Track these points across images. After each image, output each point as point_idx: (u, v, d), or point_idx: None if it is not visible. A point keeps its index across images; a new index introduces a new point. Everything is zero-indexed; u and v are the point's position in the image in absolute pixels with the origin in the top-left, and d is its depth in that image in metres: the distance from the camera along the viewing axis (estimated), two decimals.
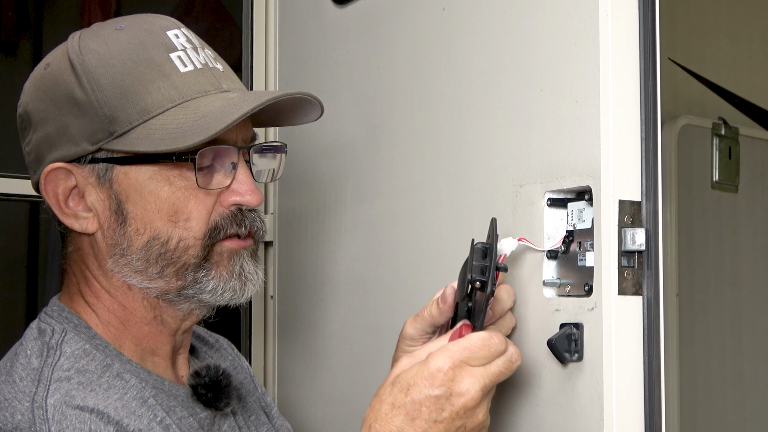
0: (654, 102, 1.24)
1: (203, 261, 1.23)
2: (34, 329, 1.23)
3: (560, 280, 1.31)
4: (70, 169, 1.21)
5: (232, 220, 1.24)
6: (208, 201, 1.23)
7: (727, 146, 2.75)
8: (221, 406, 1.28)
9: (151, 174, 1.20)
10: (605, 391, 1.20)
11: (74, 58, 1.20)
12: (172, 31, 1.25)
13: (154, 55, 1.21)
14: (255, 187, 1.26)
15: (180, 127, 1.17)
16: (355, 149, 1.77)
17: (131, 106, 1.18)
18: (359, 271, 1.76)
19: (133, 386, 1.19)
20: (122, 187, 1.21)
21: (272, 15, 2.10)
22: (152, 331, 1.27)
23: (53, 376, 1.14)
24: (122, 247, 1.21)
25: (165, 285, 1.23)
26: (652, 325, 1.22)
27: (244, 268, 1.26)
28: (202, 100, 1.20)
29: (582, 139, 1.26)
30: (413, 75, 1.62)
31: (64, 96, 1.20)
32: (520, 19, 1.38)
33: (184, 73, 1.21)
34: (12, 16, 2.23)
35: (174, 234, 1.21)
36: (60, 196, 1.22)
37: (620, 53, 1.24)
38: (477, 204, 1.44)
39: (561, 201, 1.32)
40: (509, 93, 1.39)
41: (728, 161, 2.76)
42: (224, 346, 1.53)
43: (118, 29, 1.23)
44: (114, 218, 1.21)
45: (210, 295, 1.24)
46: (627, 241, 1.21)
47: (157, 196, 1.20)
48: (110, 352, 1.22)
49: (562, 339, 1.25)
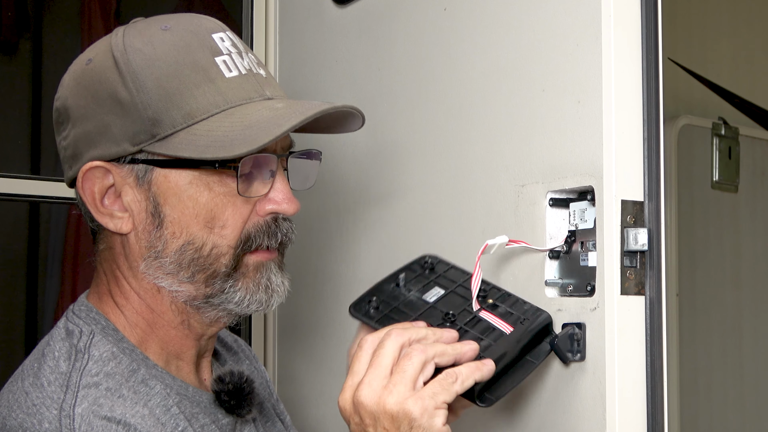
0: (656, 102, 1.24)
1: (232, 271, 1.22)
2: (62, 329, 1.22)
3: (562, 280, 1.32)
4: (108, 168, 1.19)
5: (266, 231, 1.23)
6: (245, 209, 1.22)
7: (727, 146, 2.75)
8: (243, 413, 1.27)
9: (191, 179, 1.19)
10: (608, 390, 1.21)
11: (119, 56, 1.18)
12: (218, 34, 1.23)
13: (200, 58, 1.20)
14: (292, 195, 1.25)
15: (226, 135, 1.16)
16: (356, 150, 1.77)
17: (176, 109, 1.17)
18: (360, 271, 1.76)
19: (158, 393, 1.18)
20: (161, 190, 1.19)
21: (272, 15, 2.10)
22: (179, 335, 1.26)
23: (81, 382, 1.13)
24: (157, 249, 1.20)
25: (194, 290, 1.22)
26: (654, 324, 1.23)
27: (271, 280, 1.25)
28: (248, 108, 1.19)
29: (584, 139, 1.26)
30: (414, 75, 1.62)
31: (106, 94, 1.18)
32: (522, 19, 1.38)
33: (229, 78, 1.20)
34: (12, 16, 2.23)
35: (209, 240, 1.20)
36: (96, 194, 1.20)
37: (622, 53, 1.24)
38: (479, 204, 1.44)
39: (563, 201, 1.32)
40: (511, 93, 1.39)
41: (728, 161, 2.76)
42: (243, 348, 1.53)
43: (163, 29, 1.21)
44: (150, 220, 1.20)
45: (236, 305, 1.23)
46: (629, 241, 1.21)
47: (196, 201, 1.19)
48: (136, 356, 1.21)
49: (565, 339, 1.25)
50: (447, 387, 1.14)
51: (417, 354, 1.14)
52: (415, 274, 1.33)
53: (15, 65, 2.28)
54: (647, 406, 1.22)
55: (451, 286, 1.30)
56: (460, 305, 1.27)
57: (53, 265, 2.33)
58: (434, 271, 1.33)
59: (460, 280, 1.31)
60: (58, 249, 2.34)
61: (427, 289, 1.30)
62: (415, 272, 1.33)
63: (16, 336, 2.26)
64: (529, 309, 1.27)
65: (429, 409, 1.12)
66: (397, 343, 1.15)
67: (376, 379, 1.13)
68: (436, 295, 1.29)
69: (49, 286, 2.33)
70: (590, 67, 1.25)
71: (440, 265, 1.34)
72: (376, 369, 1.14)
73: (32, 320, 2.30)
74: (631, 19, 1.24)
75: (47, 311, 2.32)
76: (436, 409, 1.12)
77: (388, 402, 1.11)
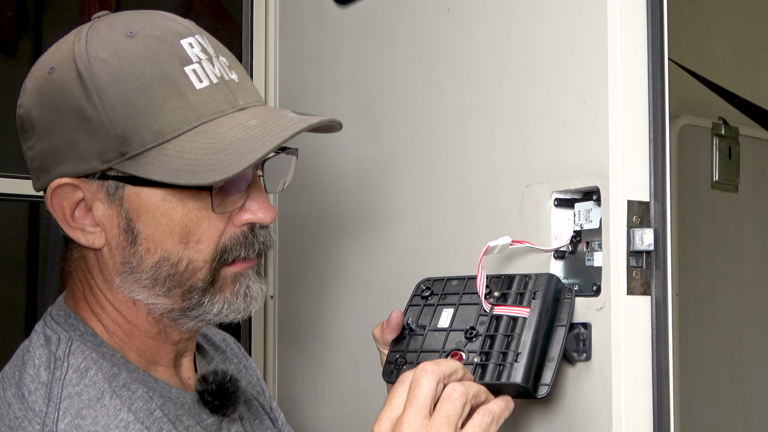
0: (662, 102, 1.25)
1: (209, 286, 1.21)
2: (41, 335, 1.20)
3: (567, 280, 1.32)
4: (77, 185, 1.16)
5: (242, 243, 1.21)
6: (221, 223, 1.19)
7: (727, 146, 2.75)
8: (228, 413, 1.27)
9: (164, 195, 1.16)
10: (614, 390, 1.21)
11: (82, 68, 1.13)
12: (186, 40, 1.18)
13: (168, 69, 1.15)
14: (268, 203, 1.23)
15: (198, 158, 1.13)
16: (358, 150, 1.77)
17: (145, 127, 1.13)
18: (361, 271, 1.76)
19: (140, 396, 1.17)
20: (133, 207, 1.17)
21: (272, 15, 2.10)
22: (156, 344, 1.25)
23: (63, 393, 1.12)
24: (132, 265, 1.18)
25: (170, 304, 1.20)
26: (660, 325, 1.23)
27: (249, 288, 1.24)
28: (220, 125, 1.16)
29: (589, 140, 1.26)
30: (417, 76, 1.62)
31: (71, 109, 1.14)
32: (527, 20, 1.38)
33: (200, 90, 1.16)
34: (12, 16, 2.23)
35: (184, 256, 1.18)
36: (66, 209, 1.17)
37: (628, 54, 1.24)
38: (483, 205, 1.45)
39: (568, 201, 1.32)
40: (515, 93, 1.40)
41: (728, 161, 2.76)
42: (231, 345, 1.52)
43: (128, 35, 1.16)
44: (123, 236, 1.18)
45: (215, 316, 1.22)
46: (635, 241, 1.22)
47: (170, 218, 1.17)
48: (117, 360, 1.20)
49: (570, 339, 1.25)
50: (486, 429, 1.14)
51: (459, 397, 1.13)
52: (420, 307, 1.33)
53: (15, 65, 2.28)
54: (653, 406, 1.22)
55: (456, 300, 1.30)
56: (474, 314, 1.27)
57: (53, 265, 2.33)
58: (434, 294, 1.33)
59: (461, 289, 1.31)
60: (58, 249, 2.33)
61: (437, 318, 1.29)
62: (419, 305, 1.33)
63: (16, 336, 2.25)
64: (533, 279, 1.27)
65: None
66: (433, 380, 1.13)
67: (417, 419, 1.11)
68: (448, 317, 1.29)
69: (49, 286, 2.32)
70: (596, 68, 1.25)
71: (437, 285, 1.34)
72: (415, 409, 1.12)
73: (32, 320, 2.30)
74: (636, 20, 1.24)
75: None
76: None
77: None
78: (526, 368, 1.20)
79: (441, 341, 1.27)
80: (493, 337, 1.23)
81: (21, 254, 2.34)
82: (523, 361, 1.21)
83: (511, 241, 1.31)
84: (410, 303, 1.34)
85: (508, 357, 1.21)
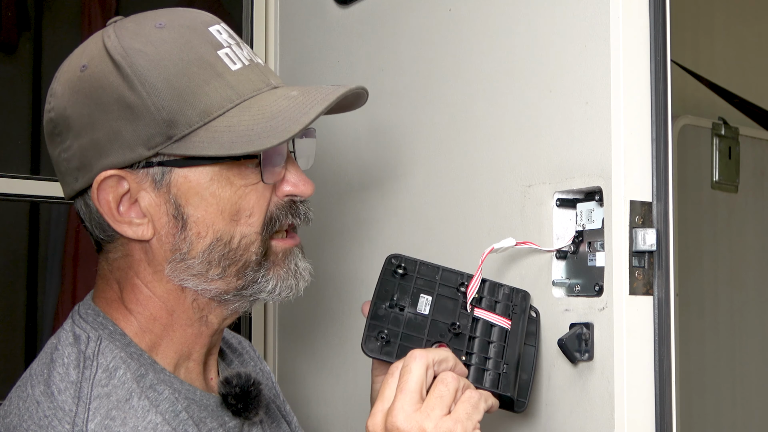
0: (664, 102, 1.25)
1: (263, 259, 1.22)
2: (69, 333, 1.19)
3: (569, 280, 1.32)
4: (122, 175, 1.17)
5: (288, 210, 1.24)
6: (267, 193, 1.21)
7: (727, 146, 2.76)
8: (251, 416, 1.26)
9: (212, 175, 1.17)
10: (616, 390, 1.21)
11: (120, 60, 1.15)
12: (214, 27, 1.21)
13: (204, 53, 1.18)
14: (306, 177, 1.25)
15: (251, 128, 1.15)
16: (359, 150, 1.77)
17: (190, 108, 1.14)
18: (362, 271, 1.76)
19: (167, 398, 1.17)
20: (181, 191, 1.17)
21: (272, 15, 2.10)
22: (193, 333, 1.24)
23: (93, 393, 1.12)
24: (182, 252, 1.19)
25: (225, 285, 1.21)
26: (662, 325, 1.23)
27: (298, 266, 1.26)
28: (261, 99, 1.19)
29: (592, 140, 1.26)
30: (419, 76, 1.62)
31: (112, 100, 1.15)
32: (529, 20, 1.38)
33: (236, 71, 1.18)
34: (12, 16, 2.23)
35: (236, 232, 1.19)
36: (112, 203, 1.17)
37: (630, 54, 1.24)
38: (485, 205, 1.45)
39: (570, 201, 1.32)
40: (518, 93, 1.40)
41: (728, 161, 2.76)
42: (247, 349, 1.52)
43: (158, 27, 1.18)
44: (173, 223, 1.18)
45: (268, 294, 1.23)
46: (638, 241, 1.22)
47: (220, 198, 1.18)
48: (144, 360, 1.20)
49: (573, 339, 1.25)
50: (477, 406, 1.14)
51: (452, 381, 1.14)
52: (395, 284, 1.30)
53: (15, 65, 2.28)
54: (655, 405, 1.22)
55: (433, 288, 1.29)
56: (454, 308, 1.28)
57: (53, 265, 2.33)
58: (408, 274, 1.31)
59: (436, 277, 1.30)
60: (58, 249, 2.34)
61: (416, 300, 1.28)
62: (394, 283, 1.30)
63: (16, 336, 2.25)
64: (509, 293, 1.29)
65: (469, 430, 1.12)
66: (422, 365, 1.14)
67: (409, 403, 1.12)
68: (427, 305, 1.28)
69: (49, 286, 2.33)
70: (598, 68, 1.25)
71: (410, 265, 1.31)
72: (406, 394, 1.13)
73: (32, 320, 2.30)
74: (639, 20, 1.25)
75: (47, 311, 2.31)
76: (474, 430, 1.13)
77: (427, 427, 1.11)
78: (514, 380, 1.24)
79: (423, 328, 1.26)
80: (475, 339, 1.25)
81: (21, 254, 2.34)
82: (512, 373, 1.23)
83: (516, 243, 1.31)
84: (383, 280, 1.30)
85: (499, 366, 1.23)
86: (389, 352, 1.24)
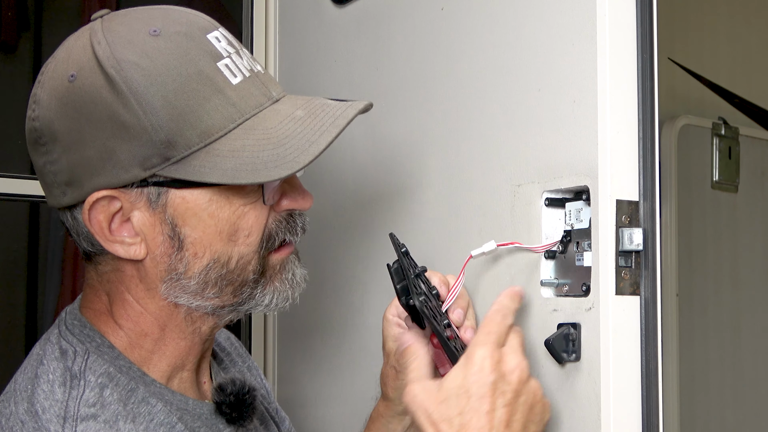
0: (651, 101, 1.24)
1: (260, 276, 1.19)
2: (55, 346, 1.15)
3: (558, 280, 1.31)
4: (115, 195, 1.11)
5: (285, 226, 1.21)
6: (265, 211, 1.17)
7: (727, 146, 2.75)
8: (245, 424, 1.24)
9: (211, 196, 1.13)
10: (602, 391, 1.20)
11: (113, 74, 1.07)
12: (212, 34, 1.15)
13: (203, 66, 1.11)
14: (305, 190, 1.22)
15: (256, 155, 1.09)
16: (354, 149, 1.77)
17: (190, 128, 1.08)
18: (359, 271, 1.76)
19: (159, 411, 1.13)
20: (178, 212, 1.13)
21: (272, 15, 2.10)
22: (186, 345, 1.21)
23: (80, 413, 1.07)
24: (178, 272, 1.14)
25: (220, 302, 1.18)
26: (649, 325, 1.22)
27: (295, 274, 1.24)
28: (264, 119, 1.13)
29: (579, 139, 1.26)
30: (412, 75, 1.62)
31: (105, 117, 1.08)
32: (518, 19, 1.38)
33: (236, 85, 1.12)
34: (12, 16, 2.23)
35: (234, 253, 1.15)
36: (104, 223, 1.12)
37: (618, 53, 1.23)
38: (475, 204, 1.44)
39: (559, 201, 1.32)
40: (507, 92, 1.39)
41: (728, 161, 2.76)
42: (234, 345, 1.50)
43: (153, 34, 1.11)
44: (169, 243, 1.14)
45: (265, 307, 1.21)
46: (624, 241, 1.21)
47: (218, 218, 1.13)
48: (134, 373, 1.16)
49: (560, 339, 1.25)
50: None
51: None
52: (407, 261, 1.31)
53: (15, 65, 2.28)
54: (642, 406, 1.22)
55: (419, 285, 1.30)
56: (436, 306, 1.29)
57: (53, 265, 2.33)
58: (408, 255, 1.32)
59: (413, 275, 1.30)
60: (58, 249, 2.34)
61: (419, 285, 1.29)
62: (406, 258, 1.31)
63: (16, 336, 2.26)
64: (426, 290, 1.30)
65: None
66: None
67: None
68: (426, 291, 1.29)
69: (49, 286, 2.33)
70: (585, 67, 1.25)
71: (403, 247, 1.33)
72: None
73: (32, 320, 2.30)
74: (626, 19, 1.24)
75: (47, 311, 2.32)
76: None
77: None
78: None
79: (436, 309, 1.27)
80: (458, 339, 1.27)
81: (21, 254, 2.34)
82: None
83: (496, 245, 1.30)
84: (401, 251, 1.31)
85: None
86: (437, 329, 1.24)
